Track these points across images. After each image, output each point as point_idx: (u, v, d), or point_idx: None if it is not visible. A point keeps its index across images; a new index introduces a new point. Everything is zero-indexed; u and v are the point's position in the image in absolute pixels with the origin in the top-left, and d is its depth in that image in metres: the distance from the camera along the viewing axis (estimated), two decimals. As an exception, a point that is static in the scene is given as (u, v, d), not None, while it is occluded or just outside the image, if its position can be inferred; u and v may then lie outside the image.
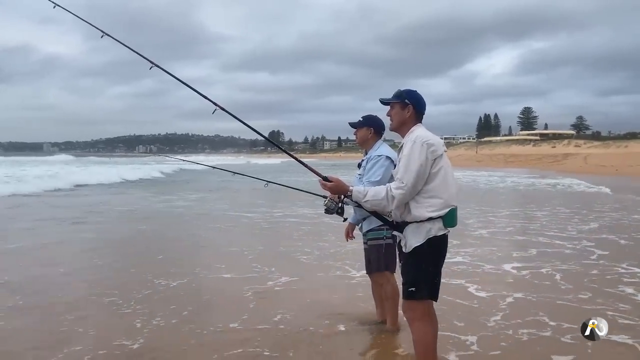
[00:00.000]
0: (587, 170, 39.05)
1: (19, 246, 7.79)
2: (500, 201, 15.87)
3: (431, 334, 3.04)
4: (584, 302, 4.91)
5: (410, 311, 3.05)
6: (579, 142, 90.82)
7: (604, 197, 16.60)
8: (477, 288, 5.38)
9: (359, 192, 2.98)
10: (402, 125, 3.10)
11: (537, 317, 4.44)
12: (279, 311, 4.61)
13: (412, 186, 2.86)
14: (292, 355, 3.67)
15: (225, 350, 3.71)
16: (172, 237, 8.97)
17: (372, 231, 3.97)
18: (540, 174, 34.73)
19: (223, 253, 7.38)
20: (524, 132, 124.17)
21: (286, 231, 9.38)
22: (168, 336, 4.02)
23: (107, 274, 6.08)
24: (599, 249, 7.52)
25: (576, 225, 10.01)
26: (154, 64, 3.54)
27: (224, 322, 4.32)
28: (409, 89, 3.13)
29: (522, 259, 6.89)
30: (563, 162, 52.77)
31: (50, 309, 4.72)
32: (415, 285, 2.96)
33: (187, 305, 4.79)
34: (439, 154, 2.92)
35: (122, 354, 3.66)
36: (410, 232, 2.95)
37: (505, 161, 61.40)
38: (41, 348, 3.80)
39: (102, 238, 8.70)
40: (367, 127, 4.07)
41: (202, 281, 5.76)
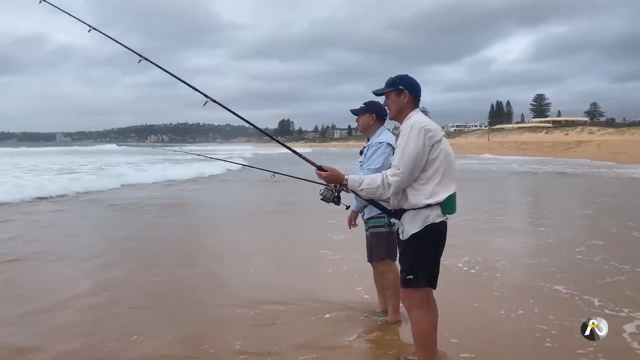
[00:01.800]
0: (601, 157, 38.57)
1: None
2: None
3: (430, 322, 3.01)
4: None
5: (408, 299, 3.01)
6: (593, 129, 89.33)
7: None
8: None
9: (354, 181, 2.92)
10: (401, 112, 3.03)
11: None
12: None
13: (409, 173, 2.81)
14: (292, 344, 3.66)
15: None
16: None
17: (373, 219, 3.93)
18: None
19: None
20: (537, 119, 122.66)
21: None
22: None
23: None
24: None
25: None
26: (142, 57, 3.52)
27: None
28: (399, 74, 3.06)
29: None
30: (576, 149, 52.20)
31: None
32: (412, 273, 2.92)
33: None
34: (437, 140, 2.85)
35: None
36: (407, 220, 2.90)
37: (517, 149, 60.82)
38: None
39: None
40: (369, 114, 4.00)
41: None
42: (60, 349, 3.58)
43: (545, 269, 5.67)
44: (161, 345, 3.65)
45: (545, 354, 3.49)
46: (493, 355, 3.51)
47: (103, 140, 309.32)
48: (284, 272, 5.67)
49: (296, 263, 6.16)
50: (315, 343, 3.68)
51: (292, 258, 6.39)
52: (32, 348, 3.60)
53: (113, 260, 6.20)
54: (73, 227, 8.72)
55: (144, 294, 4.90)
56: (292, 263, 6.15)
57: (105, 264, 6.05)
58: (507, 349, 3.61)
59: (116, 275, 5.50)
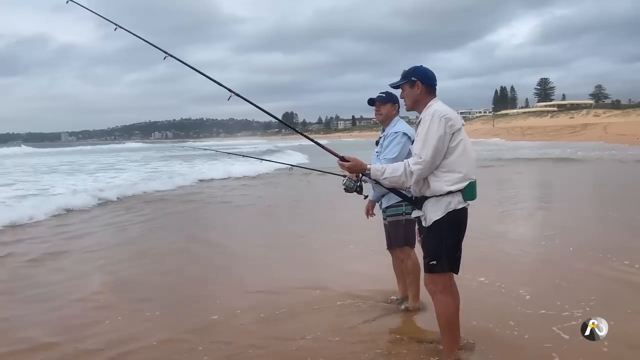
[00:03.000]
0: (608, 139, 38.37)
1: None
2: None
3: (453, 306, 3.08)
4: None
5: (432, 284, 3.08)
6: (598, 112, 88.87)
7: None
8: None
9: (377, 170, 3.00)
10: (416, 103, 3.09)
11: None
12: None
13: (431, 161, 2.87)
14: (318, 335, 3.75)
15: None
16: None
17: (391, 207, 3.98)
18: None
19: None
20: (541, 103, 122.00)
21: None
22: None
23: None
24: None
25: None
26: (168, 54, 3.55)
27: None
28: (413, 66, 3.12)
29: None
30: (582, 132, 51.97)
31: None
32: (436, 258, 2.99)
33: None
34: (457, 128, 2.92)
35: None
36: (430, 206, 2.97)
37: (523, 134, 60.61)
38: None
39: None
40: (392, 104, 4.03)
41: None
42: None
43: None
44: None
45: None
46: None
47: (108, 138, 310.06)
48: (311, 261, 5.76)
49: (315, 253, 6.25)
50: (336, 329, 3.75)
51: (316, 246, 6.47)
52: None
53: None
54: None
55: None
56: (315, 252, 6.24)
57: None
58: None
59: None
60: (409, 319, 3.95)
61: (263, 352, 3.44)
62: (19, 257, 6.25)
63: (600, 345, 3.13)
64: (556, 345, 3.33)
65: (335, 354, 3.36)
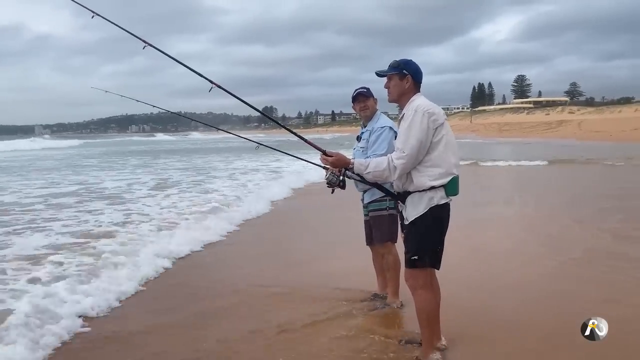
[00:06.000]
0: (582, 136, 39.14)
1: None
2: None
3: (434, 302, 3.09)
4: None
5: (412, 279, 3.08)
6: (573, 109, 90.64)
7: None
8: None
9: (361, 164, 2.99)
10: (402, 96, 3.07)
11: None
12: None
13: (414, 156, 2.86)
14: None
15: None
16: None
17: (374, 202, 3.96)
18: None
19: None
20: (518, 100, 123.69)
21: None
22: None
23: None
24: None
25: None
26: (147, 43, 3.43)
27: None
28: (405, 59, 3.10)
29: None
30: (557, 129, 52.85)
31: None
32: (417, 253, 2.98)
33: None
34: (440, 123, 2.91)
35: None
36: (412, 202, 2.96)
37: (500, 130, 61.38)
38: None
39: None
40: (374, 98, 4.00)
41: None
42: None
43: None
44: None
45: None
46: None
47: (83, 131, 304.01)
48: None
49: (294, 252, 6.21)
50: (313, 327, 3.72)
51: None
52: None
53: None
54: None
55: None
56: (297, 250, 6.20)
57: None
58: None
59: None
60: (388, 315, 3.93)
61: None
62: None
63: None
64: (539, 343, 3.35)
65: (313, 349, 3.33)
